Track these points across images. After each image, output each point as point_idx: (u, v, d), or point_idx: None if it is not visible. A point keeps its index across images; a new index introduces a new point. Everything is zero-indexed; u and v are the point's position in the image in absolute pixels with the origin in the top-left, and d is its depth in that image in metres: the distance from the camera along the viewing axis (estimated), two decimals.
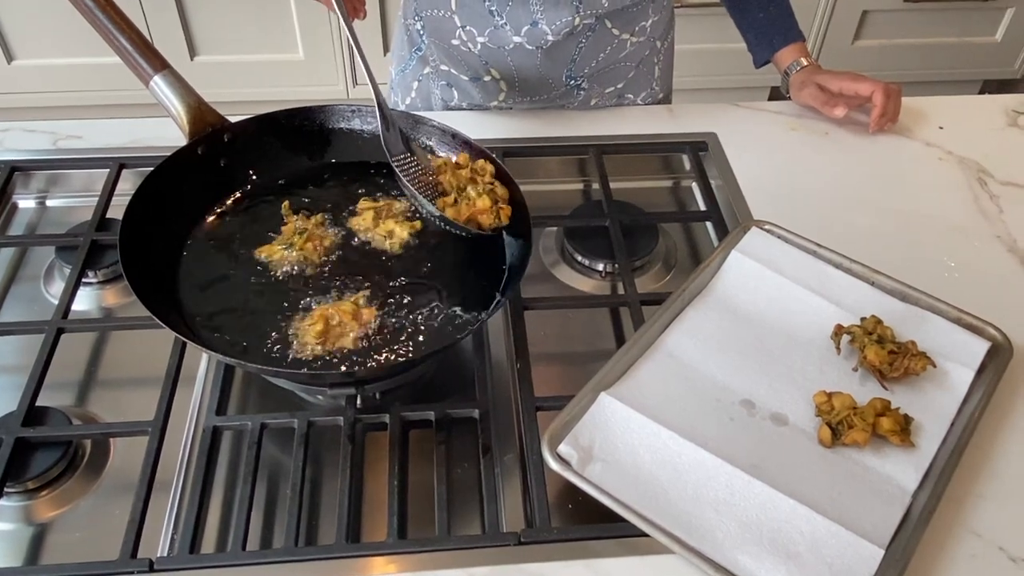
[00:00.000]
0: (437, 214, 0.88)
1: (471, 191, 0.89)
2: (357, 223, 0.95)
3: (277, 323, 0.84)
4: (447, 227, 0.89)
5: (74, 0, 0.91)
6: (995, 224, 1.07)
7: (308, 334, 0.83)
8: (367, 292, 0.87)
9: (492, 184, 0.91)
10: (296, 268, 0.89)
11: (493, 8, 1.11)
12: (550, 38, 1.12)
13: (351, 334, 0.83)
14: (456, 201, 0.89)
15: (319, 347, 0.82)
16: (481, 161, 0.93)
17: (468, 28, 1.15)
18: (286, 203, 0.94)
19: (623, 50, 1.18)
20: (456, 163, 0.93)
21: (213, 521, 0.78)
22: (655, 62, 1.26)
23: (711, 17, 2.32)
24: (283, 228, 0.93)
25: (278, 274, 0.89)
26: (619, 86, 1.24)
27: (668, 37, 1.28)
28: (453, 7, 1.14)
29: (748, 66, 1.28)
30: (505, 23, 1.12)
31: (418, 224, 0.95)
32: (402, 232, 0.94)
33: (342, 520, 0.74)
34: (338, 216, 0.96)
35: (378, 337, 0.84)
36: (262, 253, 0.91)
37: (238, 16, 2.32)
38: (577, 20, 1.10)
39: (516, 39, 1.13)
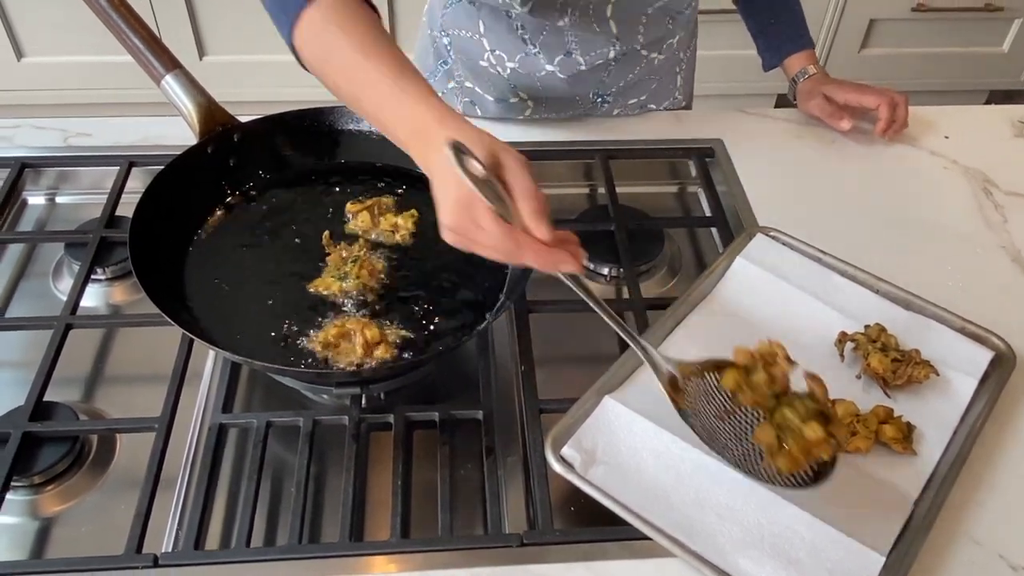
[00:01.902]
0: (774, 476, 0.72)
1: (788, 414, 0.71)
2: (356, 226, 0.95)
3: (283, 324, 0.85)
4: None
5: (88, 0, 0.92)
6: (1000, 234, 1.07)
7: (318, 336, 0.83)
8: (405, 331, 0.85)
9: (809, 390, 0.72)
10: (359, 296, 0.88)
11: (526, 36, 1.10)
12: (583, 68, 1.12)
13: (356, 356, 0.82)
14: (781, 444, 0.70)
15: (320, 349, 0.82)
16: (767, 343, 0.74)
17: (497, 52, 1.13)
18: (327, 233, 0.93)
19: (651, 68, 1.18)
20: (738, 365, 0.74)
21: (218, 518, 0.79)
22: (677, 71, 1.25)
23: (718, 24, 2.31)
24: (328, 259, 0.91)
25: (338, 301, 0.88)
26: (642, 98, 1.23)
27: (691, 46, 1.28)
28: (481, 30, 1.13)
29: (755, 73, 1.29)
30: (538, 51, 1.11)
31: (415, 212, 0.96)
32: (406, 223, 0.94)
33: (345, 519, 0.75)
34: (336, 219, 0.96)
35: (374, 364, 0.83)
36: (318, 287, 0.88)
37: (247, 16, 2.33)
38: (612, 53, 1.10)
39: (548, 67, 1.12)
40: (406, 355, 0.83)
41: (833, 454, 0.71)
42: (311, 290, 0.88)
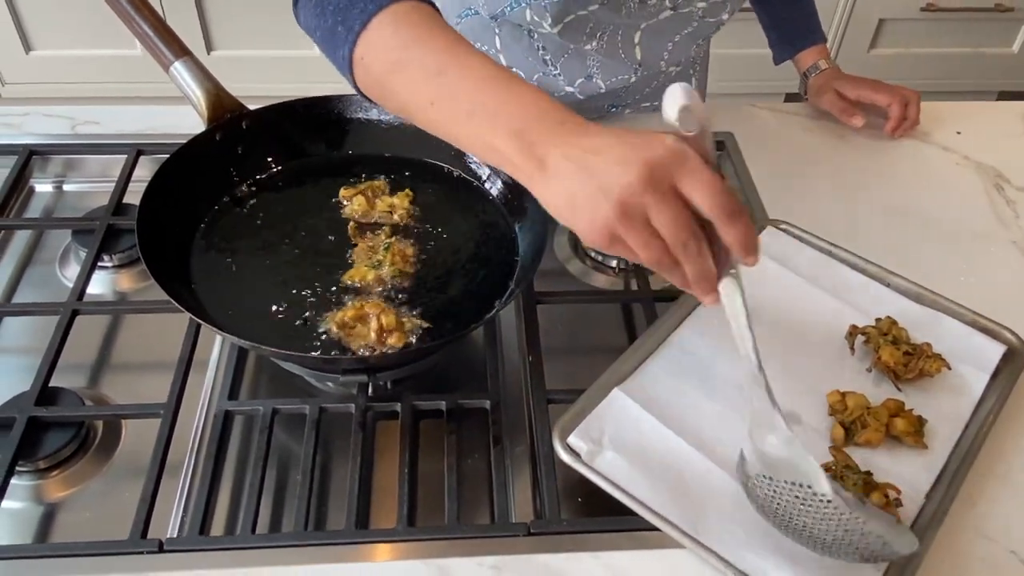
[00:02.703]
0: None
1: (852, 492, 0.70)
2: (352, 211, 0.95)
3: (291, 310, 0.85)
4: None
5: None
6: (1011, 229, 1.06)
7: (335, 316, 0.83)
8: (423, 320, 0.84)
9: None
10: (395, 283, 0.88)
11: (547, 58, 1.09)
12: (603, 91, 1.11)
13: (369, 341, 0.82)
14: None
15: (335, 329, 0.82)
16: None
17: (514, 70, 1.08)
18: (352, 224, 0.92)
19: (667, 80, 1.18)
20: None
21: (223, 504, 0.78)
22: (691, 73, 1.25)
23: (731, 23, 2.32)
24: (354, 251, 0.91)
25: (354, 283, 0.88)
26: (656, 103, 1.23)
27: (705, 49, 1.27)
28: (497, 46, 1.10)
29: (765, 71, 1.28)
30: (559, 73, 1.09)
31: (411, 192, 0.96)
32: (403, 202, 0.95)
33: (351, 506, 0.74)
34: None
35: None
36: (353, 277, 0.87)
37: (255, 11, 2.33)
38: (633, 78, 1.09)
39: (568, 89, 1.11)
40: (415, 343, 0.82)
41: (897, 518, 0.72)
42: (346, 281, 0.87)
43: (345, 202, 0.96)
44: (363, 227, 0.93)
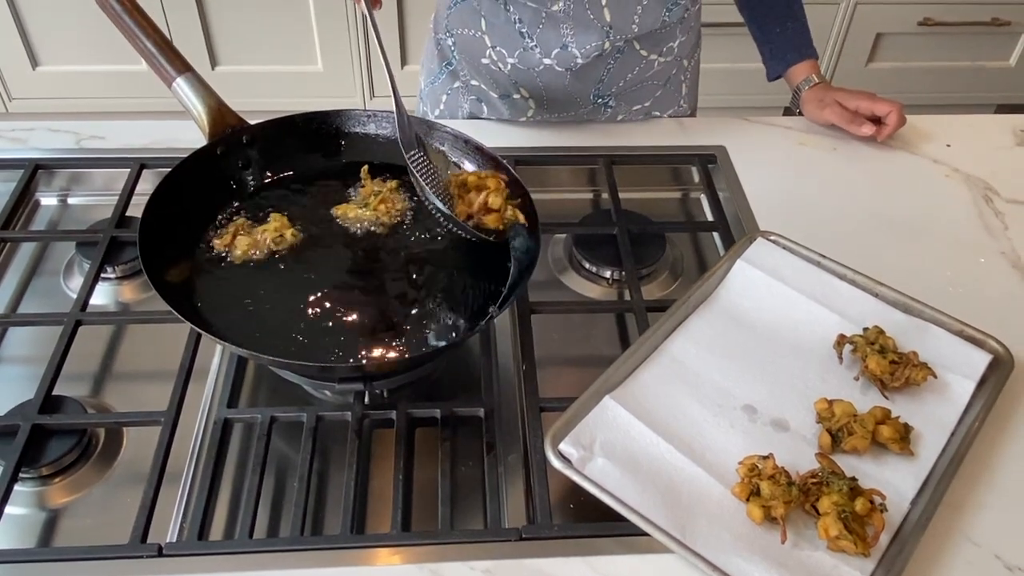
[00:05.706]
0: (446, 212, 0.90)
1: (838, 499, 0.74)
2: (243, 254, 0.92)
3: (292, 322, 0.87)
4: (457, 229, 0.91)
5: (102, 4, 0.94)
6: (1000, 240, 1.08)
7: (455, 175, 0.93)
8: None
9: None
10: (367, 227, 0.96)
11: (524, 30, 1.13)
12: (579, 61, 1.14)
13: (471, 209, 0.90)
14: (848, 530, 0.74)
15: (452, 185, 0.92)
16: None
17: (498, 49, 1.17)
18: (365, 167, 1.00)
19: (651, 69, 1.20)
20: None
21: (222, 510, 0.80)
22: (682, 80, 1.27)
23: (725, 37, 2.34)
24: (361, 190, 0.99)
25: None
26: (646, 104, 1.25)
27: (695, 55, 1.29)
28: (483, 28, 1.16)
29: (758, 86, 1.30)
30: (535, 45, 1.14)
31: (279, 215, 0.95)
32: (283, 223, 0.94)
33: (347, 512, 0.76)
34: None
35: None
36: (337, 212, 0.97)
37: (259, 27, 2.36)
38: (607, 44, 1.12)
39: (546, 61, 1.15)
40: (407, 353, 0.84)
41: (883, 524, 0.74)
42: (333, 213, 0.97)
43: (228, 252, 0.92)
44: (375, 174, 1.01)
